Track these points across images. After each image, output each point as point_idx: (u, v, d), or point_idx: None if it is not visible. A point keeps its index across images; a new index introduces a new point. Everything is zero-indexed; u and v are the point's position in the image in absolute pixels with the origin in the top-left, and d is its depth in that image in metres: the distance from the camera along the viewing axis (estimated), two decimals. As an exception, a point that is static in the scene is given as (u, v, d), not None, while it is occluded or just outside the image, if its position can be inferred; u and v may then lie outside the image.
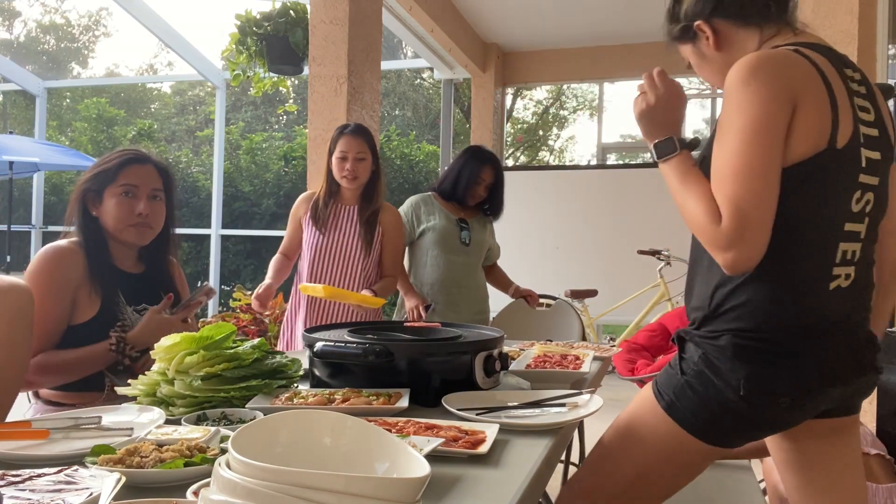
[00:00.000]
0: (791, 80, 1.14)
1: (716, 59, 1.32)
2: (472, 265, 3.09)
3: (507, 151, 13.10)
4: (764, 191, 1.10)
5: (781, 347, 1.17)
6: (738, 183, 1.10)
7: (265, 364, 1.40)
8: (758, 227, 1.10)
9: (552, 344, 2.19)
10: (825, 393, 1.20)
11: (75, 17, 21.55)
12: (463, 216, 3.09)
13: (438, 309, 2.96)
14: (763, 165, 1.10)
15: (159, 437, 1.03)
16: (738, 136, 1.12)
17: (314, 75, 3.92)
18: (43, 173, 8.49)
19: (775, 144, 1.12)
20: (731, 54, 1.28)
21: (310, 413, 0.78)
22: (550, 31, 6.62)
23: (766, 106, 1.11)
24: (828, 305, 1.20)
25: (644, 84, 1.30)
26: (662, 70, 1.30)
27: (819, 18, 3.26)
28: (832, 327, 1.20)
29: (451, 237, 3.02)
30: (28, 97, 13.25)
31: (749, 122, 1.11)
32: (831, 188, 1.18)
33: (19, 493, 0.82)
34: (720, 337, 1.21)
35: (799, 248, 1.18)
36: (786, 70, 1.14)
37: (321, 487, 0.60)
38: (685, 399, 1.22)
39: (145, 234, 1.80)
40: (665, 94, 1.28)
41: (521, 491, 0.92)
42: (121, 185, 1.75)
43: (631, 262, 5.83)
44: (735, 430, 1.24)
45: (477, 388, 1.43)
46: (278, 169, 9.88)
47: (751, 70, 1.14)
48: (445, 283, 3.00)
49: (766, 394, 1.17)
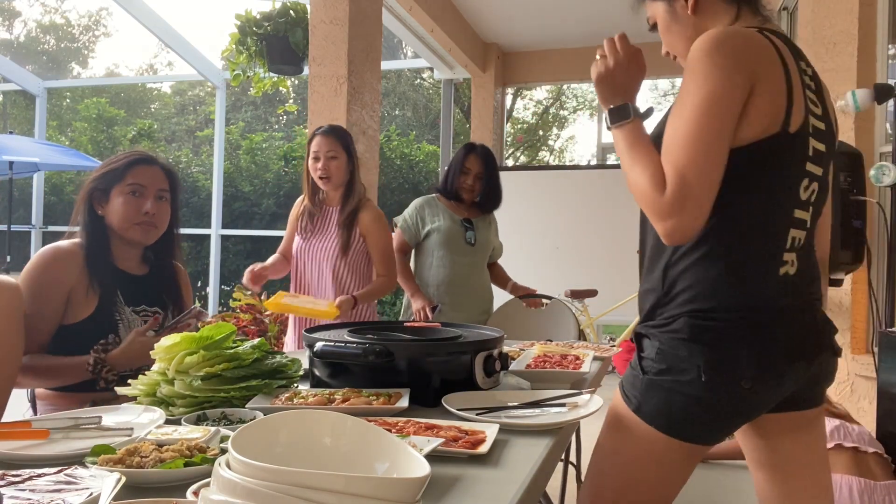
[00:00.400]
0: (753, 59, 1.14)
1: (687, 23, 1.30)
2: (477, 265, 3.10)
3: (507, 151, 13.10)
4: (707, 162, 1.10)
5: (738, 327, 1.16)
6: (685, 152, 1.10)
7: (265, 364, 1.41)
8: (699, 197, 1.10)
9: (552, 344, 2.19)
10: (788, 370, 1.19)
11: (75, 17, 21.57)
12: (468, 216, 3.09)
13: (444, 310, 2.96)
14: (711, 137, 1.10)
15: (159, 437, 1.03)
16: (692, 107, 1.12)
17: (314, 75, 3.92)
18: (43, 173, 8.49)
19: (727, 119, 1.12)
20: (702, 22, 1.28)
21: (310, 413, 0.78)
22: (550, 31, 6.62)
23: (725, 81, 1.11)
24: (778, 288, 1.20)
25: (604, 48, 1.30)
26: (624, 35, 1.30)
27: (819, 18, 3.27)
28: (786, 308, 1.20)
29: (456, 237, 3.02)
30: (28, 97, 13.25)
31: (706, 94, 1.11)
32: (783, 172, 1.18)
33: (19, 493, 0.82)
34: (675, 321, 1.19)
35: (752, 230, 1.19)
36: (749, 48, 1.15)
37: (321, 487, 0.60)
38: (651, 398, 1.21)
39: (150, 233, 1.81)
40: (624, 59, 1.28)
41: (521, 491, 0.92)
42: (129, 184, 1.77)
43: (631, 262, 5.79)
44: (704, 422, 1.21)
45: (477, 388, 1.43)
46: (278, 169, 9.87)
47: (715, 44, 1.13)
48: (452, 283, 3.00)
49: (727, 377, 1.15)
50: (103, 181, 1.78)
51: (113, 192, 1.77)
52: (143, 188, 1.79)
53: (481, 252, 3.10)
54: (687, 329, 1.18)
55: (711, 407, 1.18)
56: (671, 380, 1.18)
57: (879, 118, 3.19)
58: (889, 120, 3.07)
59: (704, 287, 1.18)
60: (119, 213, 1.76)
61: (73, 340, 1.66)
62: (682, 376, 1.17)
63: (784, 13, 4.37)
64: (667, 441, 1.21)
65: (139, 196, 1.78)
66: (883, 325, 2.76)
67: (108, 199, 1.78)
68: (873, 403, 2.42)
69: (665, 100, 15.90)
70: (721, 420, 1.22)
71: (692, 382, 1.16)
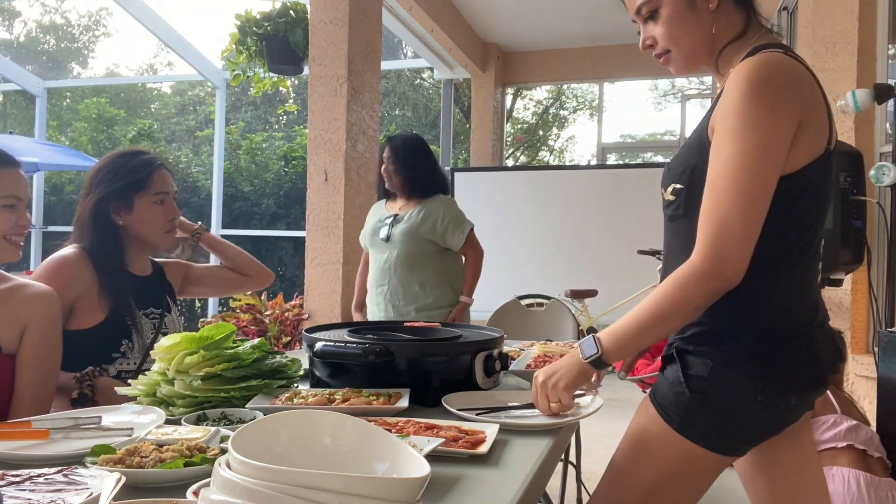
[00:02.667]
0: (799, 96, 1.13)
1: (705, 19, 1.21)
2: (401, 260, 2.90)
3: (507, 151, 13.10)
4: (754, 212, 1.10)
5: (793, 344, 1.17)
6: (732, 202, 1.09)
7: (265, 364, 1.41)
8: (740, 244, 1.09)
9: (552, 344, 2.19)
10: (824, 384, 1.21)
11: (75, 17, 21.55)
12: (398, 210, 2.97)
13: (380, 308, 2.93)
14: (759, 187, 1.09)
15: (159, 437, 1.03)
16: (741, 154, 1.09)
17: (314, 75, 3.92)
18: (43, 173, 8.48)
19: (776, 167, 1.11)
20: (719, 21, 1.21)
21: (310, 413, 0.78)
22: (550, 31, 6.62)
23: (777, 128, 1.09)
24: (816, 304, 1.23)
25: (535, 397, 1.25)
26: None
27: (819, 18, 3.27)
28: (822, 323, 1.23)
29: (373, 235, 2.98)
30: (28, 97, 13.25)
31: (756, 142, 1.09)
32: (830, 187, 1.19)
33: (19, 493, 0.82)
34: (728, 338, 1.18)
35: (806, 252, 1.19)
36: (796, 86, 1.13)
37: (321, 487, 0.60)
38: (700, 416, 1.17)
39: (175, 238, 1.87)
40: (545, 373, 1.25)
41: (521, 491, 0.92)
42: (155, 193, 1.78)
43: (631, 262, 5.82)
44: (751, 436, 1.22)
45: (477, 388, 1.43)
46: (278, 169, 9.86)
47: (764, 79, 1.10)
48: (375, 282, 2.96)
49: (780, 393, 1.16)
50: (125, 191, 1.75)
51: (137, 201, 1.76)
52: (167, 195, 1.81)
53: (399, 245, 2.89)
54: (743, 347, 1.17)
55: (761, 422, 1.19)
56: (726, 397, 1.16)
57: (879, 118, 3.19)
58: (889, 120, 3.07)
59: (760, 308, 1.18)
60: (149, 223, 1.78)
61: (83, 346, 1.65)
62: (738, 393, 1.16)
63: (784, 13, 4.37)
64: (704, 455, 1.19)
65: (164, 203, 1.80)
66: (883, 325, 2.76)
67: (130, 208, 1.76)
68: (873, 403, 2.42)
69: (665, 100, 15.89)
70: (764, 433, 1.23)
71: (748, 399, 1.16)
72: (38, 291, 1.48)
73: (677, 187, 1.23)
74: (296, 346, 4.42)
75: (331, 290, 3.93)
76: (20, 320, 1.44)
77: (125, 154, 1.82)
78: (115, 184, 1.75)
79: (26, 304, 1.45)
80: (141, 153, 1.83)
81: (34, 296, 1.47)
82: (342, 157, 3.89)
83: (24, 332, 1.44)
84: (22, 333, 1.44)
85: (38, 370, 1.45)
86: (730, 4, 1.23)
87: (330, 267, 3.93)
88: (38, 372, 1.45)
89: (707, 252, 1.10)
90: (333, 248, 3.92)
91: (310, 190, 3.97)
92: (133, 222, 1.77)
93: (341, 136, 3.88)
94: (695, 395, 1.17)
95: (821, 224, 1.21)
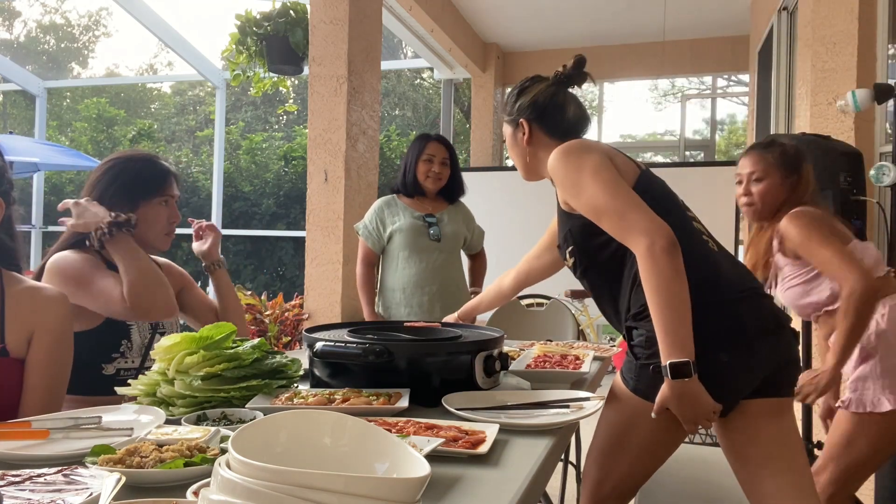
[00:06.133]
0: (598, 146, 1.54)
1: (522, 149, 1.68)
2: (449, 260, 2.92)
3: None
4: (636, 200, 1.41)
5: (713, 310, 1.37)
6: (625, 208, 1.38)
7: (265, 364, 1.41)
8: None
9: (552, 344, 2.19)
10: (758, 344, 1.37)
11: (75, 17, 21.55)
12: (430, 211, 2.94)
13: (414, 312, 2.85)
14: (624, 189, 1.43)
15: (159, 437, 1.03)
16: (593, 183, 1.42)
17: (314, 75, 3.92)
18: (43, 173, 8.49)
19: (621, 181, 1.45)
20: (534, 149, 1.66)
21: (310, 413, 0.78)
22: (550, 31, 6.62)
23: (596, 156, 1.47)
24: (734, 277, 1.47)
25: None
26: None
27: (819, 18, 3.26)
28: (743, 292, 1.43)
29: (419, 235, 2.86)
30: (28, 97, 13.25)
31: (591, 166, 1.44)
32: (663, 189, 1.60)
33: (19, 493, 0.82)
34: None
35: (683, 235, 1.42)
36: (590, 143, 1.56)
37: (321, 487, 0.60)
38: (644, 377, 1.41)
39: (171, 240, 1.88)
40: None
41: (521, 491, 0.92)
42: (163, 196, 1.81)
43: (631, 262, 5.82)
44: None
45: (477, 388, 1.43)
46: (278, 169, 9.87)
47: (568, 147, 1.52)
48: (419, 284, 2.85)
49: (705, 353, 1.32)
50: (133, 195, 1.76)
51: (144, 204, 1.78)
52: (172, 198, 1.84)
53: (449, 246, 2.92)
54: None
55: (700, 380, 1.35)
56: (658, 361, 1.34)
57: (879, 118, 3.19)
58: (889, 120, 3.07)
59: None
60: (151, 225, 1.79)
61: (83, 346, 1.63)
62: None
63: (784, 13, 4.37)
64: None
65: (167, 206, 1.82)
66: (883, 325, 2.75)
67: (135, 210, 1.76)
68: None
69: (665, 100, 15.90)
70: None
71: None
72: (50, 295, 1.45)
73: (571, 249, 1.55)
74: (296, 346, 4.42)
75: (331, 290, 3.93)
76: (30, 325, 1.40)
77: (133, 159, 1.82)
78: (124, 187, 1.76)
79: (38, 307, 1.42)
80: (152, 159, 1.84)
81: (45, 299, 1.44)
82: (342, 157, 3.89)
83: (34, 336, 1.40)
84: (31, 338, 1.40)
85: (48, 375, 1.41)
86: (540, 137, 1.67)
87: (330, 267, 3.93)
88: (47, 377, 1.41)
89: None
90: (333, 248, 3.92)
91: (310, 190, 3.97)
92: (136, 224, 1.76)
93: (341, 136, 3.88)
94: (638, 362, 1.43)
95: (678, 213, 1.50)
